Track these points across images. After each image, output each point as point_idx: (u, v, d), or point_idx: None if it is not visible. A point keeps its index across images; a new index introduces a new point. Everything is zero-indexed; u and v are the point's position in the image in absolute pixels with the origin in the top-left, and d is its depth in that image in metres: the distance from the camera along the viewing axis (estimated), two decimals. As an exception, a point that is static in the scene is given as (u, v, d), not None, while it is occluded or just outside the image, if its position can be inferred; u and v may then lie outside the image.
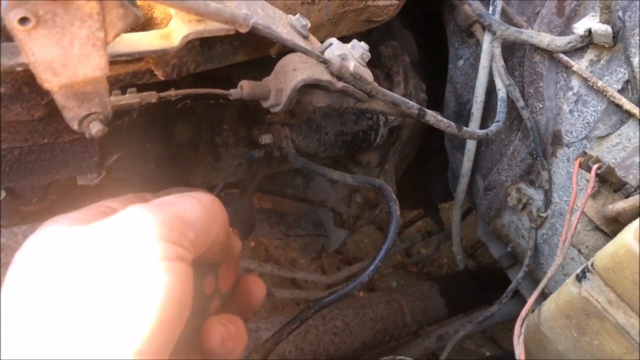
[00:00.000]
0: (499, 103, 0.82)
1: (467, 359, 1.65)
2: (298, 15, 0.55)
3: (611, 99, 0.72)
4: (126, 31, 0.40)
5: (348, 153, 0.98)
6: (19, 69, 0.39)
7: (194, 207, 0.44)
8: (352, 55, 0.55)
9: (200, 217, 0.43)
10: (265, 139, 0.81)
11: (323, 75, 0.53)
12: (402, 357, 0.66)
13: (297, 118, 0.85)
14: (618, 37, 0.71)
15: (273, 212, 1.16)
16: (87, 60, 0.37)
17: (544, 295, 0.67)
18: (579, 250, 0.76)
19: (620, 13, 0.71)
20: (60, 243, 0.40)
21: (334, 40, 0.55)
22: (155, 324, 0.37)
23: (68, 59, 0.36)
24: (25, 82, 0.44)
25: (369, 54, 0.57)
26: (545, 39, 0.77)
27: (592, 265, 0.54)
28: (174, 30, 0.47)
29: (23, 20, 0.33)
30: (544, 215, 0.83)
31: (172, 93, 0.49)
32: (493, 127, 0.79)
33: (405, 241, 1.73)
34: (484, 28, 0.84)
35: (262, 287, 0.57)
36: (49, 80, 0.37)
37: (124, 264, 0.38)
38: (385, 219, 1.11)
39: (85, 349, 0.36)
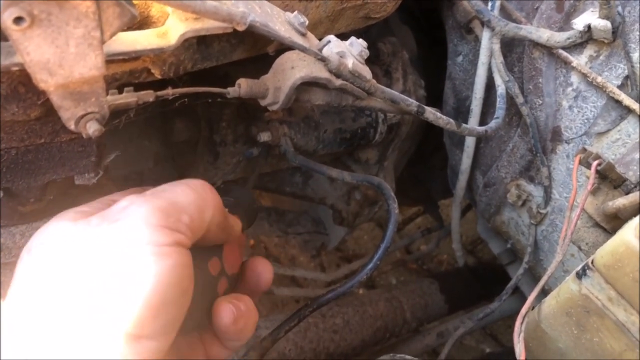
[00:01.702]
0: (498, 99, 0.82)
1: (467, 355, 1.65)
2: (296, 12, 0.54)
3: (611, 94, 0.72)
4: (122, 30, 0.39)
5: (347, 150, 0.98)
6: (15, 68, 0.39)
7: (185, 192, 0.45)
8: (351, 52, 0.55)
9: (193, 201, 0.45)
10: (264, 136, 0.80)
11: (321, 73, 0.53)
12: (401, 355, 0.66)
13: (296, 116, 0.85)
14: (617, 32, 0.71)
15: (272, 209, 1.16)
16: (83, 60, 0.37)
17: (544, 292, 0.66)
18: (579, 247, 0.75)
19: (619, 8, 0.70)
20: (63, 238, 0.42)
21: (332, 37, 0.55)
22: (151, 307, 0.39)
23: (64, 59, 0.36)
24: (21, 81, 0.43)
25: (367, 51, 0.56)
26: (544, 34, 0.77)
27: (592, 262, 0.54)
28: (171, 29, 0.47)
29: (18, 20, 0.33)
30: (543, 211, 0.83)
31: (169, 92, 0.49)
32: (492, 124, 0.78)
33: (405, 238, 1.73)
34: (482, 24, 0.84)
35: (269, 268, 0.58)
36: (45, 81, 0.36)
37: (121, 252, 0.40)
38: (385, 216, 1.10)
39: (81, 335, 0.38)
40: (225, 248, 0.55)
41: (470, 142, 0.93)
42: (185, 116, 0.83)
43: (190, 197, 0.45)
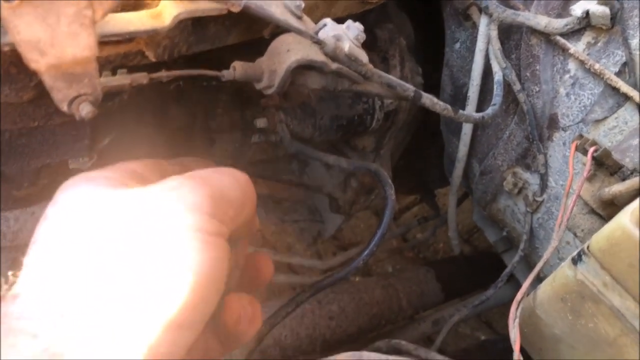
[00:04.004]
0: (495, 86, 0.81)
1: (462, 343, 1.66)
2: (292, -5, 0.54)
3: (608, 81, 0.71)
4: (116, 11, 0.39)
5: (344, 138, 0.97)
6: (6, 48, 0.38)
7: (233, 185, 0.44)
8: (347, 35, 0.54)
9: (238, 196, 0.44)
10: (260, 123, 0.80)
11: (317, 56, 0.53)
12: (397, 341, 0.66)
13: (292, 102, 0.84)
14: (616, 18, 0.70)
15: (269, 198, 1.16)
16: (75, 40, 0.36)
17: (539, 280, 0.67)
18: (575, 234, 0.75)
19: (618, -6, 0.70)
20: (101, 204, 0.39)
21: (328, 20, 0.55)
22: (196, 296, 0.37)
23: (55, 38, 0.35)
24: (13, 62, 0.43)
25: (364, 34, 0.56)
26: (542, 21, 0.76)
27: (588, 247, 0.54)
28: (165, 10, 0.46)
29: (8, -3, 0.33)
30: (539, 199, 0.83)
31: (163, 74, 0.48)
32: (489, 110, 0.78)
33: (402, 226, 1.73)
34: (480, 10, 0.83)
35: (270, 265, 0.57)
36: (36, 60, 0.36)
37: (171, 234, 0.38)
38: (381, 205, 1.10)
39: (114, 315, 0.36)
40: (240, 242, 0.54)
41: (467, 130, 0.93)
42: (181, 102, 0.83)
43: (236, 191, 0.44)
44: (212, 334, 0.48)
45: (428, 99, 0.65)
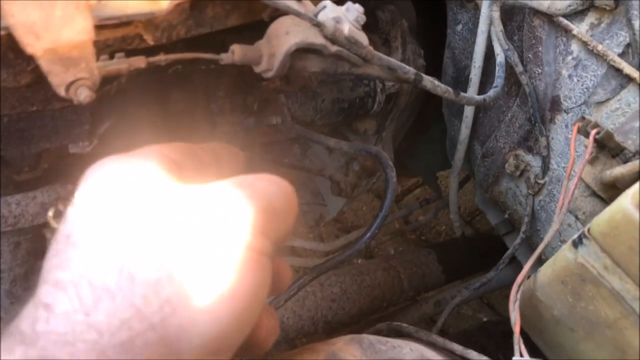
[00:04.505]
0: (497, 68, 0.81)
1: (464, 324, 1.67)
2: (291, -23, 0.53)
3: (611, 63, 0.71)
4: (111, -7, 0.39)
5: (345, 121, 0.97)
6: (2, 32, 0.38)
7: (279, 196, 0.41)
8: (347, 18, 0.53)
9: (283, 208, 0.41)
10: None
11: (316, 39, 0.52)
12: (397, 324, 0.66)
13: (293, 85, 0.84)
14: (620, -1, 0.69)
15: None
16: (70, 24, 0.36)
17: (540, 262, 0.67)
18: (576, 217, 0.75)
19: (622, -26, 0.69)
20: (146, 198, 0.36)
21: (327, 2, 0.54)
22: (239, 320, 0.35)
23: (50, 22, 0.35)
24: (10, 47, 0.42)
25: (364, 16, 0.55)
26: (545, 2, 0.75)
27: (588, 230, 0.54)
28: (163, -7, 0.46)
29: (2, -19, 0.32)
30: (541, 181, 0.83)
31: (161, 58, 0.48)
32: (491, 93, 0.78)
33: (403, 209, 1.73)
34: (483, -9, 0.82)
35: (289, 273, 0.53)
36: (32, 45, 0.35)
37: (221, 249, 0.35)
38: (383, 187, 1.10)
39: (154, 337, 0.32)
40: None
41: (469, 112, 0.92)
42: (182, 86, 0.82)
43: (282, 203, 0.41)
44: None
45: (429, 82, 0.65)
